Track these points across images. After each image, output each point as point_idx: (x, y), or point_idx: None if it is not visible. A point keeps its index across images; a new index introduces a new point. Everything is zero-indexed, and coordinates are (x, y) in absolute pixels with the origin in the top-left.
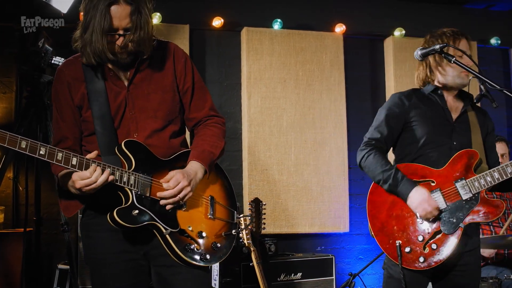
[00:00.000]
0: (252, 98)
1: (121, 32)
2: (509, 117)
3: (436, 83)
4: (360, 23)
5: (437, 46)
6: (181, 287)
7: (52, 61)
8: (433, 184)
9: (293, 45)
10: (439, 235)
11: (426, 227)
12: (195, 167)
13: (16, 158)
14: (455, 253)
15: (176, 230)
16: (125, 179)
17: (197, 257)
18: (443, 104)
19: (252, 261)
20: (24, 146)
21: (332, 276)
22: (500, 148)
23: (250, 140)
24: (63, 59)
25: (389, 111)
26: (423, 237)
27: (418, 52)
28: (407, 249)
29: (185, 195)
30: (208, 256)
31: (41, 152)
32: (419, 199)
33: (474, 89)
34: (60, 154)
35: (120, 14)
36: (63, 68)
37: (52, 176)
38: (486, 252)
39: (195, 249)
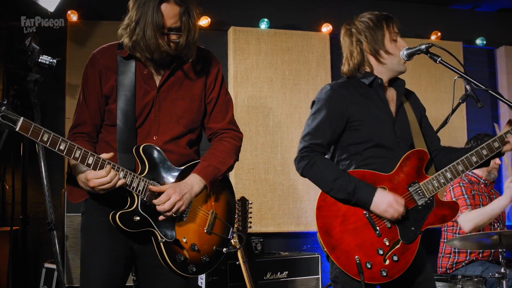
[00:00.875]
0: (239, 97)
1: (166, 31)
2: (494, 116)
3: (374, 71)
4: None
5: (423, 46)
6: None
7: (39, 60)
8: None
9: (280, 45)
10: (398, 245)
11: (384, 239)
12: (192, 181)
13: (2, 157)
14: (415, 260)
15: (171, 240)
16: (134, 184)
17: (184, 268)
18: (383, 97)
19: (238, 260)
20: (45, 139)
21: (318, 274)
22: None
23: None
24: (50, 57)
25: (328, 110)
26: (383, 250)
27: (404, 52)
28: (368, 265)
29: (178, 209)
30: (194, 269)
31: (60, 147)
32: (386, 201)
33: (460, 89)
34: (78, 152)
35: (168, 13)
36: (98, 55)
37: (38, 175)
38: None
39: (185, 260)
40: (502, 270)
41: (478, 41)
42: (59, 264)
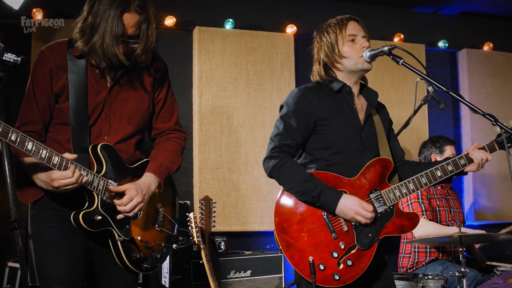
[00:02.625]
0: (203, 97)
1: (126, 39)
2: (456, 118)
3: (339, 77)
4: (311, 24)
5: (386, 48)
6: (113, 284)
7: (4, 58)
8: None
9: (245, 45)
10: (354, 251)
11: (340, 242)
12: (149, 180)
13: None
14: (370, 266)
15: (128, 238)
16: (95, 183)
17: (139, 266)
18: (351, 104)
19: (202, 259)
20: (14, 139)
21: (281, 273)
22: (450, 150)
23: (201, 138)
24: (14, 55)
25: (297, 112)
26: (338, 253)
27: (367, 54)
28: (321, 266)
29: (139, 209)
30: (148, 266)
31: (28, 147)
32: (353, 205)
33: (422, 91)
34: (44, 152)
35: (129, 21)
36: (47, 53)
37: (1, 173)
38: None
39: (140, 258)
40: (462, 269)
41: (441, 44)
42: (22, 263)
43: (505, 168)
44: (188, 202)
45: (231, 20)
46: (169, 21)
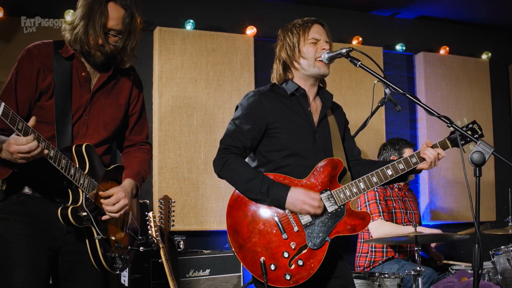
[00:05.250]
0: (163, 97)
1: (107, 31)
2: (412, 120)
3: (295, 80)
4: (270, 26)
5: (344, 50)
6: (83, 283)
7: None
8: None
9: (205, 46)
10: (305, 250)
11: (291, 242)
12: (132, 185)
13: None
14: (324, 266)
15: (106, 237)
16: (81, 181)
17: (112, 265)
18: (305, 106)
19: (161, 258)
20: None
21: (240, 272)
22: (409, 152)
23: (161, 138)
24: None
25: (249, 115)
26: (289, 253)
27: (325, 56)
28: (272, 267)
29: (124, 212)
30: (118, 266)
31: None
32: (301, 197)
33: (379, 93)
34: (21, 124)
35: (112, 13)
36: (35, 51)
37: None
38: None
39: (114, 257)
40: (418, 268)
41: (398, 47)
42: None
43: (459, 170)
44: (147, 201)
45: (191, 21)
46: None
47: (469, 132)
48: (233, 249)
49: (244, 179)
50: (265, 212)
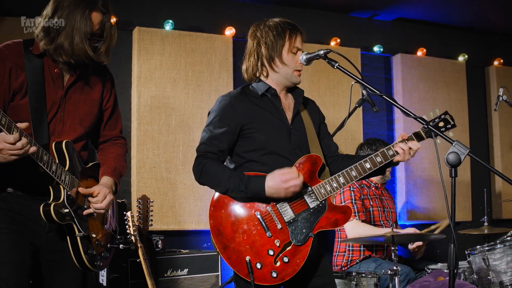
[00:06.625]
0: (142, 97)
1: (91, 37)
2: (389, 121)
3: (268, 80)
4: (249, 27)
5: (322, 52)
6: (62, 283)
7: None
8: None
9: (184, 46)
10: (289, 247)
11: (275, 240)
12: (111, 182)
13: None
14: (307, 262)
15: (87, 234)
16: (62, 177)
17: (93, 263)
18: (278, 105)
19: (139, 257)
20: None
21: (218, 272)
22: None
23: (139, 138)
24: None
25: (222, 120)
26: (274, 251)
27: (303, 57)
28: (258, 265)
29: (108, 208)
30: (99, 263)
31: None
32: (279, 179)
33: (357, 94)
34: (4, 119)
35: (95, 19)
36: (5, 51)
37: None
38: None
39: (95, 255)
40: (394, 267)
41: (376, 49)
42: None
43: (436, 170)
44: (126, 201)
45: (170, 21)
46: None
47: (442, 123)
48: (217, 249)
49: (222, 179)
50: (248, 211)
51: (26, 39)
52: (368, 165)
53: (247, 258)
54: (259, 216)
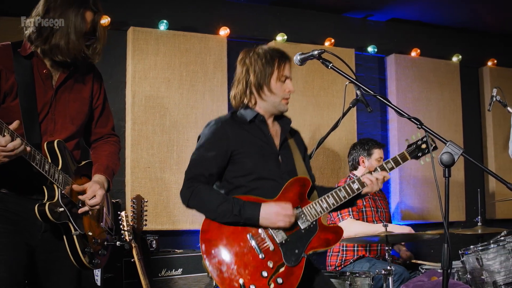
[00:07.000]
0: (136, 96)
1: (85, 35)
2: (383, 121)
3: (256, 107)
4: (244, 27)
5: (316, 52)
6: (58, 283)
7: None
8: None
9: (178, 46)
10: (282, 268)
11: (268, 261)
12: (102, 180)
13: None
14: (301, 283)
15: (83, 232)
16: (56, 176)
17: (91, 261)
18: (266, 131)
19: (133, 257)
20: None
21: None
22: (378, 153)
23: (134, 138)
24: None
25: (212, 144)
26: (267, 273)
27: (297, 57)
28: (252, 287)
29: (101, 204)
30: (97, 261)
31: None
32: (273, 212)
33: (351, 94)
34: None
35: (88, 19)
36: None
37: None
38: (403, 253)
39: (92, 253)
40: (388, 267)
41: (370, 49)
42: None
43: (429, 171)
44: (120, 200)
45: (165, 21)
46: (104, 21)
47: (424, 146)
48: (210, 274)
49: (214, 205)
50: (239, 233)
51: (14, 41)
52: (356, 186)
53: (241, 281)
54: (251, 239)
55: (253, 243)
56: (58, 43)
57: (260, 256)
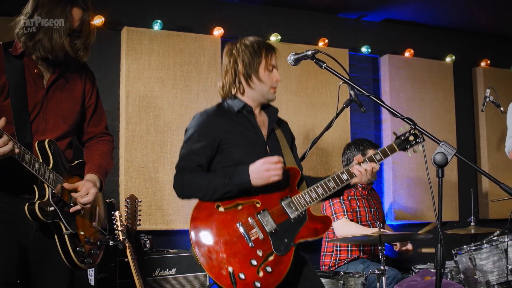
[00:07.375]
0: (130, 96)
1: (71, 33)
2: (377, 121)
3: (244, 97)
4: (238, 27)
5: (309, 52)
6: (50, 283)
7: None
8: (258, 205)
9: (172, 46)
10: (272, 257)
11: (257, 250)
12: (95, 179)
13: None
14: (290, 271)
15: (74, 232)
16: (46, 175)
17: (82, 260)
18: (254, 122)
19: (127, 257)
20: None
21: (205, 271)
22: (372, 154)
23: (127, 138)
24: None
25: (199, 136)
26: (256, 261)
27: (291, 58)
28: (241, 276)
29: (93, 203)
30: (89, 261)
31: None
32: (262, 168)
33: (345, 94)
34: None
35: (75, 16)
36: None
37: None
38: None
39: (84, 253)
40: (382, 267)
41: (364, 49)
42: None
43: (422, 171)
44: (114, 200)
45: (159, 21)
46: (98, 20)
47: (412, 138)
48: (199, 262)
49: (205, 184)
50: (229, 222)
51: (5, 41)
52: (345, 176)
53: (230, 269)
54: (241, 227)
55: (242, 231)
56: (41, 39)
57: (250, 245)
